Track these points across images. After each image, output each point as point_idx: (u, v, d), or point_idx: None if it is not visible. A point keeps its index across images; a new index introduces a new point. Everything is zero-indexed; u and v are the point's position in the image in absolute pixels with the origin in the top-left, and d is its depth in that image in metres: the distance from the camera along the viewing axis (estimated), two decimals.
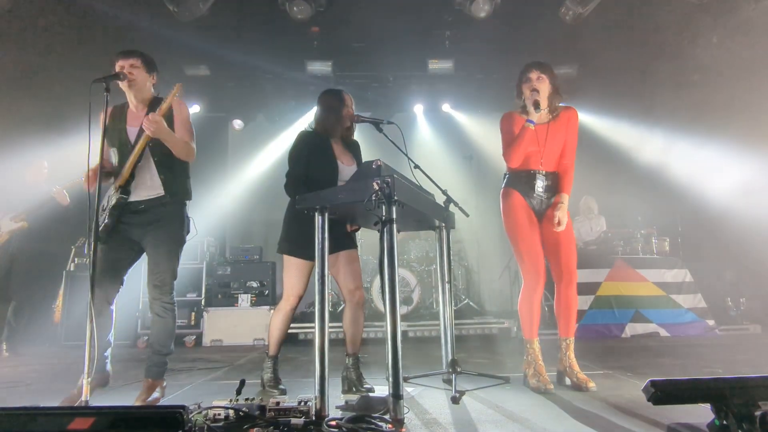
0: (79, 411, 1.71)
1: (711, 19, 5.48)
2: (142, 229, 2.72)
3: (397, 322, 2.15)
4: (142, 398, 2.60)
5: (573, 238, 3.06)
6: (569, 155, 3.10)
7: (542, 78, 3.02)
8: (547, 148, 3.03)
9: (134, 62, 2.74)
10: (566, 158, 3.10)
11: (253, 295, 5.84)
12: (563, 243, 3.00)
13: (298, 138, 3.02)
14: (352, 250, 3.06)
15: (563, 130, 3.08)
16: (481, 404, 2.54)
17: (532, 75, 3.03)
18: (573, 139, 3.11)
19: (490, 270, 7.28)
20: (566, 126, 3.08)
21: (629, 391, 2.71)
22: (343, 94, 3.06)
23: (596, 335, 5.29)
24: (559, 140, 3.07)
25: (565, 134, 3.09)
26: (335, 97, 3.05)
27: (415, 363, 3.88)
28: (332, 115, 3.02)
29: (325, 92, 3.11)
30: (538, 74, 3.02)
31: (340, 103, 3.02)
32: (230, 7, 5.39)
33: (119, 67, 2.71)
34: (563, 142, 3.09)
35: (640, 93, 6.92)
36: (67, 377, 3.48)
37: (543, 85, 3.02)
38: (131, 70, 2.72)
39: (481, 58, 6.51)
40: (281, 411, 2.09)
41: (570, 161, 3.11)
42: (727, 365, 3.59)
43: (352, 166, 3.04)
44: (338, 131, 3.05)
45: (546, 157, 3.04)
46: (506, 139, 3.09)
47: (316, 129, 3.05)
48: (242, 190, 7.35)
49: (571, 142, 3.10)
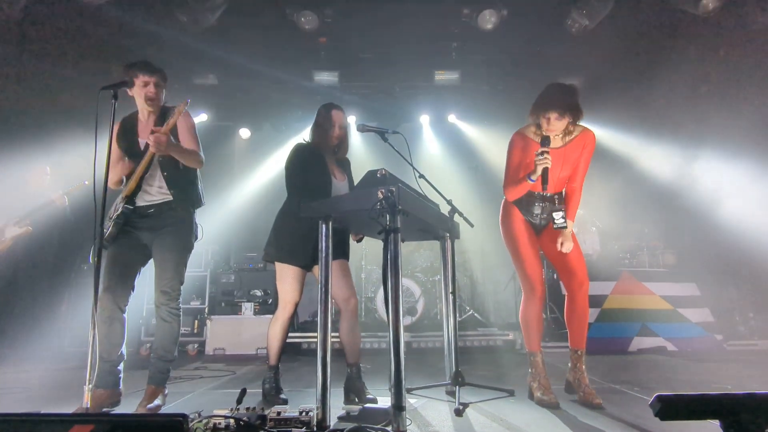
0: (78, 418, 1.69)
1: (717, 32, 5.47)
2: (152, 233, 2.73)
3: (400, 332, 2.13)
4: (143, 405, 2.58)
5: (579, 247, 3.02)
6: (579, 179, 3.00)
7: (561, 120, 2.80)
8: (554, 173, 2.90)
9: (158, 81, 2.76)
10: (575, 181, 3.01)
11: (257, 303, 5.83)
12: (571, 253, 2.96)
13: (294, 150, 3.05)
14: (345, 260, 3.06)
15: (576, 155, 2.93)
16: (484, 417, 2.51)
17: (551, 115, 2.78)
18: (586, 164, 2.98)
19: (495, 281, 7.23)
20: (580, 151, 2.93)
21: (635, 407, 2.67)
22: (333, 113, 3.06)
23: (602, 349, 5.22)
24: (569, 166, 2.95)
25: (578, 159, 2.94)
26: (325, 116, 3.07)
27: (418, 374, 3.84)
28: (320, 131, 3.05)
29: (320, 107, 3.14)
30: (557, 115, 2.78)
31: (328, 122, 3.05)
32: (239, 17, 5.44)
33: (143, 83, 2.72)
34: (573, 167, 2.97)
35: (646, 105, 6.90)
36: (70, 384, 3.48)
37: (559, 124, 2.81)
38: (156, 90, 2.74)
39: (488, 70, 6.54)
40: (282, 421, 2.07)
41: (579, 184, 3.02)
42: (736, 381, 3.53)
43: (344, 182, 3.09)
44: (327, 147, 3.06)
45: (550, 183, 2.90)
46: (509, 167, 2.99)
47: (309, 142, 3.09)
48: (248, 199, 7.37)
49: (584, 166, 2.98)
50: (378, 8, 5.43)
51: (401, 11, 5.45)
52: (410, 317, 5.72)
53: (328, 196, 2.91)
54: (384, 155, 3.25)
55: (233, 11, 5.30)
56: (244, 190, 7.44)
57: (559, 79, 6.72)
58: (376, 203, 2.19)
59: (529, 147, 2.91)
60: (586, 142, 2.93)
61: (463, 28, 5.75)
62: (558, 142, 2.90)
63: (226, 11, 5.23)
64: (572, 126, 2.87)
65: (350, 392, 2.90)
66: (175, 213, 2.75)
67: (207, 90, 6.79)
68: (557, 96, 2.79)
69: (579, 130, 2.92)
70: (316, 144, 3.06)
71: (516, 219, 3.00)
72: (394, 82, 6.97)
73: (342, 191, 3.03)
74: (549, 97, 2.81)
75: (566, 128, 2.86)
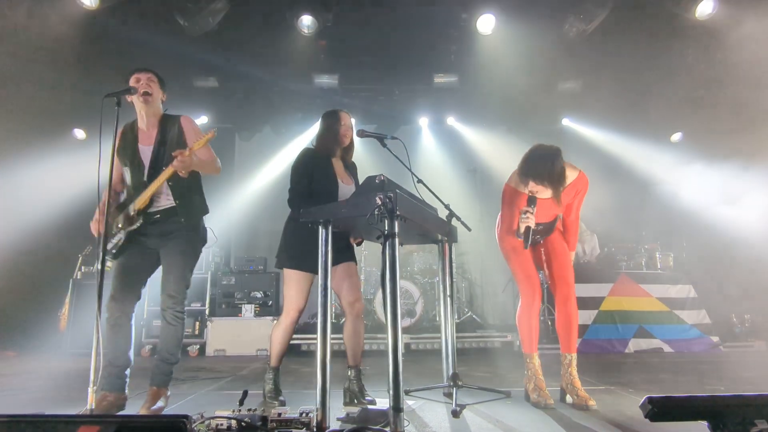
0: (83, 419, 1.73)
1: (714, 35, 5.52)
2: (159, 239, 2.76)
3: (398, 335, 2.18)
4: (146, 407, 2.62)
5: (568, 254, 3.08)
6: (573, 214, 3.08)
7: (543, 190, 2.84)
8: (546, 213, 2.97)
9: (151, 77, 2.81)
10: (570, 216, 3.09)
11: (257, 305, 5.87)
12: (558, 258, 3.04)
13: (300, 155, 3.08)
14: (351, 263, 3.09)
15: (568, 199, 2.99)
16: (481, 418, 2.55)
17: (532, 184, 2.84)
18: (579, 203, 3.05)
19: (493, 283, 7.28)
20: (573, 196, 2.99)
21: (629, 408, 2.71)
22: (341, 116, 3.11)
23: (599, 350, 5.28)
24: (559, 208, 3.00)
25: (571, 202, 3.02)
26: (333, 118, 3.11)
27: (416, 376, 3.89)
28: (330, 135, 3.08)
29: (326, 113, 3.18)
30: (539, 186, 2.83)
31: (337, 124, 3.09)
32: (239, 21, 5.49)
33: (135, 80, 2.77)
34: (567, 207, 3.04)
35: (644, 108, 6.96)
36: (74, 386, 3.52)
37: (540, 188, 2.84)
38: (149, 84, 2.78)
39: (486, 73, 6.58)
40: (283, 422, 2.12)
41: (575, 218, 3.09)
42: (730, 383, 3.58)
43: (351, 185, 3.11)
44: (336, 151, 3.10)
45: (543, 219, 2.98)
46: (502, 217, 3.08)
47: (317, 147, 3.12)
48: (248, 201, 7.41)
49: (577, 205, 3.05)
50: (377, 12, 5.49)
51: (400, 15, 5.50)
52: (409, 319, 5.76)
53: (335, 200, 2.94)
54: (383, 160, 3.30)
55: (233, 15, 5.35)
56: (244, 193, 7.48)
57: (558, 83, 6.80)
58: (375, 209, 2.23)
59: (518, 200, 2.97)
60: (579, 188, 2.98)
61: (461, 31, 5.81)
62: (548, 193, 2.90)
63: (226, 15, 5.28)
64: (558, 185, 2.86)
65: (349, 394, 2.94)
66: (180, 219, 2.78)
67: (207, 93, 6.85)
68: (536, 164, 2.82)
69: (572, 177, 2.94)
70: (323, 149, 3.09)
71: (519, 197, 3.05)
72: (393, 85, 7.02)
73: (349, 194, 3.05)
74: (530, 168, 2.84)
75: (552, 190, 2.87)
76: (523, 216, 2.80)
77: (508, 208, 3.04)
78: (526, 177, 2.86)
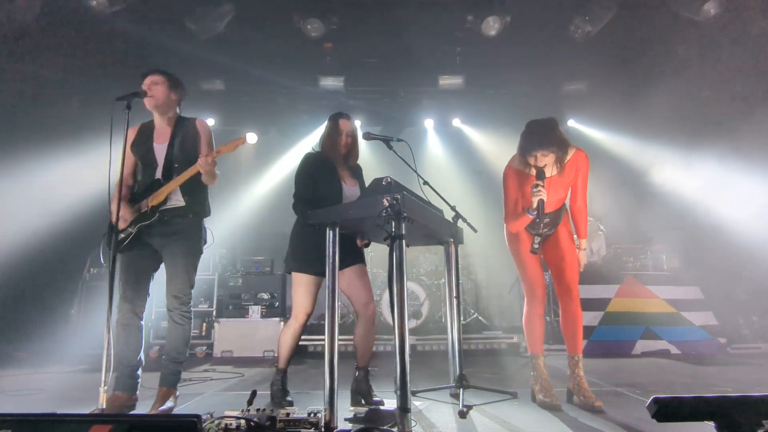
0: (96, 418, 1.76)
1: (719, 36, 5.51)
2: (162, 239, 2.80)
3: (405, 336, 2.19)
4: (156, 406, 2.65)
5: (575, 256, 3.07)
6: (580, 198, 3.06)
7: (548, 155, 2.85)
8: (551, 198, 2.94)
9: (156, 79, 2.85)
10: (578, 201, 3.07)
11: (264, 306, 5.89)
12: (565, 261, 3.03)
13: (304, 159, 3.11)
14: (361, 264, 3.11)
15: (570, 178, 3.00)
16: (488, 419, 2.56)
17: (537, 153, 2.84)
18: (584, 183, 3.04)
19: (499, 285, 7.27)
20: (574, 174, 2.99)
21: (636, 409, 2.72)
22: (340, 123, 3.12)
23: (605, 352, 5.25)
24: (563, 189, 3.00)
25: (573, 181, 3.02)
26: (334, 124, 3.14)
27: (423, 377, 3.90)
28: (329, 141, 3.11)
29: (330, 116, 3.20)
30: (542, 153, 2.84)
31: (336, 131, 3.11)
32: (246, 24, 5.53)
33: (143, 85, 2.83)
34: (570, 188, 3.03)
35: (649, 109, 6.93)
36: (84, 386, 3.57)
37: (547, 159, 2.87)
38: (151, 87, 2.82)
39: (492, 74, 6.59)
40: (291, 422, 2.14)
41: (582, 203, 3.08)
42: (737, 384, 3.57)
43: (355, 187, 3.13)
44: (337, 155, 3.12)
45: (548, 204, 2.94)
46: (507, 201, 3.06)
47: (321, 150, 3.15)
48: (254, 203, 7.45)
49: (582, 186, 3.04)
50: (382, 14, 5.51)
51: (406, 17, 5.52)
52: (415, 320, 5.77)
53: (339, 202, 2.96)
54: (389, 162, 3.32)
55: (240, 19, 5.39)
56: (251, 194, 7.53)
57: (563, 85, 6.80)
58: (382, 211, 2.25)
59: (524, 180, 2.97)
60: (579, 164, 2.98)
61: (467, 33, 5.82)
62: (551, 170, 2.93)
63: (233, 18, 5.32)
64: (562, 153, 2.90)
65: (357, 394, 2.95)
66: (184, 219, 2.82)
67: (214, 95, 6.90)
68: (538, 135, 2.84)
69: (571, 153, 2.96)
70: (325, 153, 3.12)
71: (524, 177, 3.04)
72: (399, 87, 7.04)
73: (354, 197, 3.07)
74: (531, 138, 2.86)
75: (556, 158, 2.90)
76: (535, 190, 2.77)
77: (513, 190, 3.01)
78: (531, 150, 2.83)
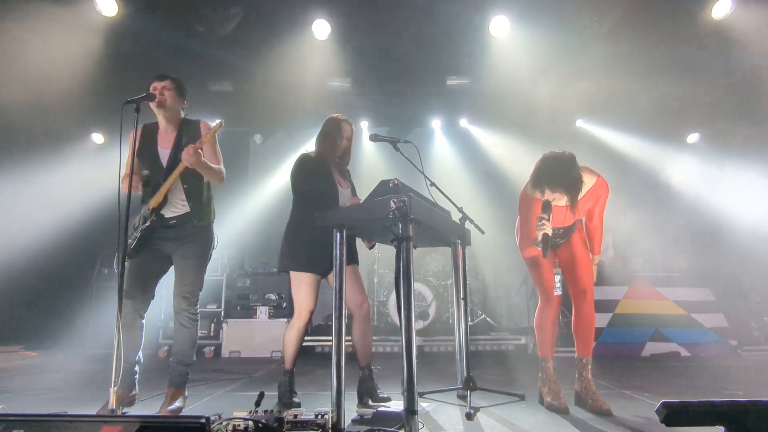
0: (107, 419, 1.78)
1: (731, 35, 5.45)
2: (174, 243, 2.84)
3: (412, 338, 2.19)
4: (165, 407, 2.68)
5: (588, 258, 3.05)
6: (597, 218, 2.99)
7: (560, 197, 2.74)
8: (564, 220, 2.89)
9: (166, 84, 2.88)
10: (594, 221, 3.00)
11: (271, 307, 5.92)
12: (578, 262, 3.00)
13: (299, 161, 3.11)
14: (354, 265, 3.13)
15: (588, 206, 2.91)
16: (495, 421, 2.56)
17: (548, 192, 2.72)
18: (601, 208, 2.96)
19: (507, 286, 7.25)
20: (593, 202, 2.90)
21: (645, 412, 2.70)
22: (343, 127, 3.15)
23: (614, 354, 5.22)
24: (580, 213, 2.90)
25: (592, 208, 2.93)
26: (335, 127, 3.15)
27: (430, 378, 3.89)
28: (328, 142, 3.13)
29: (329, 119, 3.22)
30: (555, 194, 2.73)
31: (337, 134, 3.14)
32: (254, 25, 5.55)
33: (153, 88, 2.85)
34: (587, 212, 2.95)
35: (659, 109, 6.88)
36: (94, 385, 3.60)
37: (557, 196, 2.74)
38: (163, 92, 2.85)
39: (499, 75, 6.56)
40: (299, 423, 2.15)
41: (599, 222, 3.01)
42: (748, 387, 3.53)
43: (348, 190, 3.17)
44: (333, 157, 3.14)
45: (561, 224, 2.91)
46: (522, 227, 2.99)
47: (316, 151, 3.16)
48: (262, 204, 7.48)
49: (600, 210, 2.96)
50: (390, 15, 5.51)
51: (413, 18, 5.52)
52: (422, 321, 5.77)
53: (336, 203, 3.00)
54: (397, 163, 3.32)
55: (248, 20, 5.41)
56: (259, 195, 7.56)
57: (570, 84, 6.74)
58: (389, 213, 2.25)
59: (533, 207, 2.86)
60: (599, 193, 2.87)
61: (474, 33, 5.80)
62: (564, 200, 2.80)
63: (241, 20, 5.35)
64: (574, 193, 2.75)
65: (364, 394, 2.97)
66: (194, 224, 2.86)
67: (222, 96, 6.93)
68: (552, 176, 2.71)
69: (591, 183, 2.83)
70: (322, 154, 3.13)
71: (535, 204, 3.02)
72: (406, 87, 7.03)
73: (347, 198, 3.13)
74: (544, 176, 2.74)
75: (568, 198, 2.77)
76: (539, 224, 2.69)
77: (525, 216, 2.94)
78: (541, 186, 2.75)
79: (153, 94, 2.78)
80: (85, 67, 5.36)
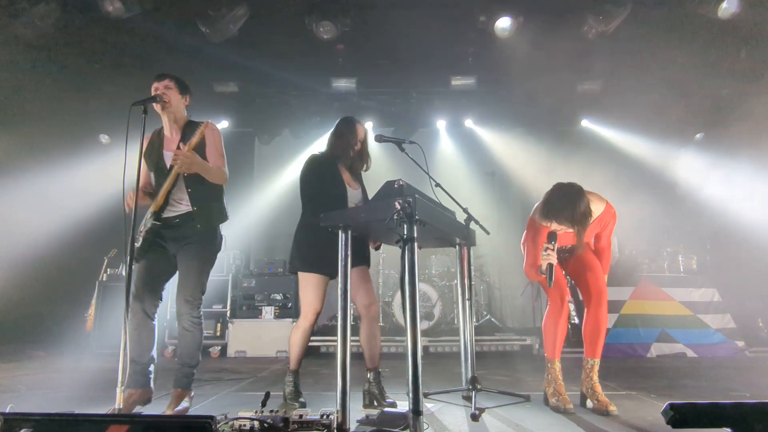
0: (114, 419, 1.80)
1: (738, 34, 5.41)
2: (177, 243, 2.83)
3: (417, 338, 2.19)
4: (171, 407, 2.69)
5: (597, 264, 3.03)
6: (605, 241, 3.01)
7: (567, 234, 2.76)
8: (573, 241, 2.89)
9: (168, 83, 2.87)
10: (601, 242, 3.02)
11: (277, 307, 5.94)
12: (588, 265, 2.99)
13: (308, 162, 3.10)
14: (365, 267, 3.13)
15: (595, 231, 2.92)
16: (500, 422, 2.56)
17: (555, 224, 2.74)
18: (609, 233, 2.97)
19: (512, 286, 7.23)
20: (600, 229, 2.93)
21: (651, 414, 2.69)
22: (356, 126, 3.15)
23: (620, 354, 5.20)
24: (587, 238, 2.91)
25: (600, 231, 2.94)
26: (350, 128, 3.15)
27: (435, 379, 3.90)
28: (342, 143, 3.12)
29: (343, 119, 3.21)
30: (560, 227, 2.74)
31: (351, 134, 3.12)
32: (259, 26, 5.57)
33: (154, 90, 2.84)
34: (594, 236, 2.97)
35: (665, 108, 6.85)
36: (101, 385, 3.62)
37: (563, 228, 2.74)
38: (165, 91, 2.84)
39: (504, 75, 6.55)
40: (304, 423, 2.15)
41: (606, 243, 3.02)
42: (756, 389, 3.51)
43: (358, 191, 3.16)
44: (346, 158, 3.13)
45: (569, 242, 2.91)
46: (527, 251, 2.98)
47: (327, 152, 3.15)
48: (267, 204, 7.50)
49: (607, 234, 2.98)
50: (394, 15, 5.51)
51: (417, 18, 5.51)
52: (427, 322, 5.77)
53: (345, 204, 2.99)
54: (402, 163, 3.32)
55: (253, 21, 5.43)
56: (264, 196, 7.58)
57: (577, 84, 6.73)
58: (394, 213, 2.26)
59: (540, 235, 2.86)
60: (606, 220, 2.89)
61: (479, 34, 5.79)
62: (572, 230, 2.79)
63: (246, 21, 5.37)
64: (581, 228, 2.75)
65: (369, 396, 2.97)
66: (196, 225, 2.83)
67: (227, 97, 6.96)
68: (560, 210, 2.69)
69: (598, 211, 2.83)
70: (334, 154, 3.13)
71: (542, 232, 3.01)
72: (411, 88, 7.04)
73: (357, 199, 3.12)
74: (552, 210, 2.72)
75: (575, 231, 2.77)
76: (544, 253, 2.70)
77: (532, 242, 2.91)
78: (548, 218, 2.74)
79: (159, 96, 2.78)
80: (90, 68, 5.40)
